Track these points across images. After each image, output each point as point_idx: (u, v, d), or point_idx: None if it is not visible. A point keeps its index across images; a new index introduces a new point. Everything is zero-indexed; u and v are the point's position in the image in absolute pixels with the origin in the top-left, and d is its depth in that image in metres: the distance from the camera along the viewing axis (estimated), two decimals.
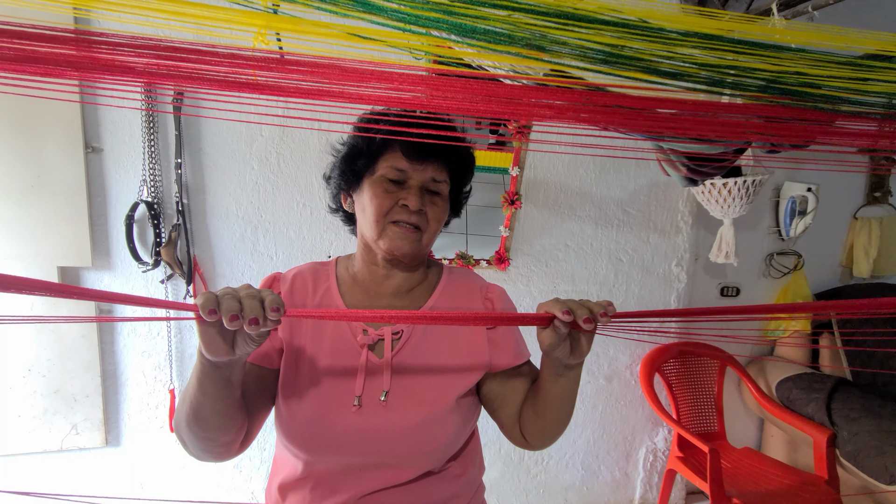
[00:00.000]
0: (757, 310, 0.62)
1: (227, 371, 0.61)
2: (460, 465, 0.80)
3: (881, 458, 1.63)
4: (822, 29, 0.71)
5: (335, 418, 0.72)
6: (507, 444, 2.03)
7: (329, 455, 0.72)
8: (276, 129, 1.68)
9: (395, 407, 0.73)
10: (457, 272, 0.87)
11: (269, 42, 0.58)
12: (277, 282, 0.81)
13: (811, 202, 2.08)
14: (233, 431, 0.68)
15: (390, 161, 0.75)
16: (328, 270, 0.83)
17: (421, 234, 0.76)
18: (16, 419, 1.60)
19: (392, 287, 0.81)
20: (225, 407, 0.64)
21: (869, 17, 2.13)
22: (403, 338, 0.77)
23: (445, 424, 0.74)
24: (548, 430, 0.75)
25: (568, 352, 0.63)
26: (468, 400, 0.79)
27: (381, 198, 0.74)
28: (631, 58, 0.57)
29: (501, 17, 0.52)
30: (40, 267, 1.53)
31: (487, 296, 0.84)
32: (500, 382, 0.80)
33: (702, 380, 2.10)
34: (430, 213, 0.77)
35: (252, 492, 1.84)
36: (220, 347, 0.55)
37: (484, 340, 0.79)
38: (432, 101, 0.53)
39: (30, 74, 0.52)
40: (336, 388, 0.74)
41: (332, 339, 0.76)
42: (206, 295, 0.51)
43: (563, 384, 0.69)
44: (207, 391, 0.61)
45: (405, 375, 0.75)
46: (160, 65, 0.52)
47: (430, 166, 0.76)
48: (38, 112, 1.48)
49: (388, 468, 0.73)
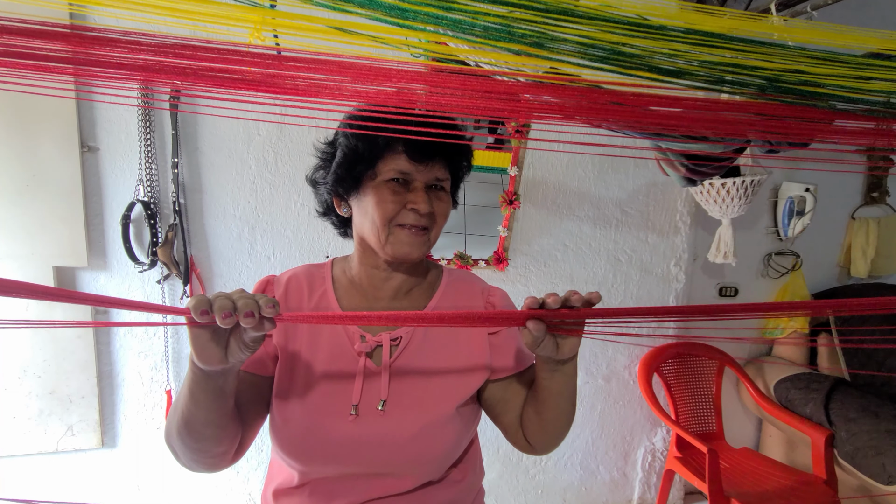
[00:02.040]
0: (751, 308, 0.61)
1: (219, 380, 0.59)
2: (460, 471, 0.79)
3: (879, 457, 1.63)
4: (820, 27, 0.71)
5: (331, 427, 0.70)
6: (506, 445, 2.03)
7: (324, 464, 0.71)
8: (274, 129, 1.68)
9: (393, 416, 0.71)
10: (457, 274, 0.85)
11: (266, 39, 0.57)
12: (271, 285, 0.79)
13: (809, 202, 2.08)
14: (226, 442, 0.67)
15: (392, 164, 0.71)
16: (324, 273, 0.81)
17: (429, 235, 0.74)
18: (11, 420, 1.58)
19: (391, 289, 0.78)
20: (217, 418, 0.62)
21: (867, 17, 2.14)
22: (402, 344, 0.74)
23: (445, 433, 0.72)
24: (549, 430, 0.74)
25: (555, 349, 0.62)
26: (469, 406, 0.77)
27: (388, 202, 0.70)
28: (630, 55, 0.56)
29: (501, 13, 0.51)
30: (36, 267, 1.52)
31: (489, 299, 0.82)
32: (501, 388, 0.79)
33: (700, 380, 2.10)
34: (437, 211, 0.74)
35: (249, 493, 1.83)
36: (213, 354, 0.54)
37: (485, 346, 0.77)
38: (431, 98, 0.52)
39: (24, 70, 0.51)
40: (332, 397, 0.72)
41: (329, 346, 0.74)
42: (199, 297, 0.50)
43: (559, 380, 0.68)
44: (200, 402, 0.60)
45: (404, 383, 0.73)
46: (156, 61, 0.51)
47: (435, 166, 0.73)
48: (34, 110, 1.47)
49: (387, 477, 0.71)
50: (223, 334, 0.54)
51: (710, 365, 2.11)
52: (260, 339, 0.56)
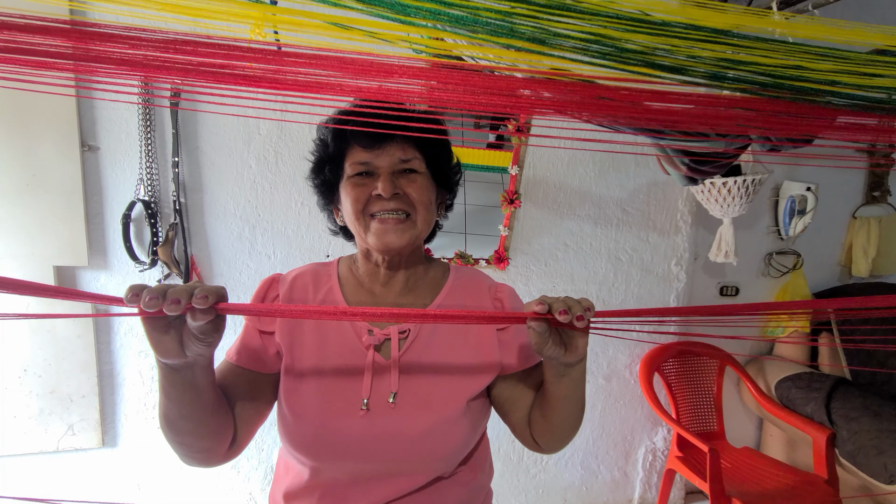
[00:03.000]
0: (747, 308, 0.61)
1: (186, 374, 0.59)
2: (470, 471, 0.79)
3: (880, 457, 1.63)
4: (822, 23, 0.71)
5: (343, 423, 0.69)
6: (507, 445, 2.02)
7: (337, 462, 0.70)
8: (275, 128, 1.67)
9: (404, 410, 0.71)
10: (464, 271, 0.85)
11: (266, 35, 0.57)
12: (276, 283, 0.78)
13: (810, 201, 2.08)
14: (209, 438, 0.66)
15: (351, 158, 0.73)
16: (330, 271, 0.81)
17: (410, 221, 0.73)
18: (12, 420, 1.58)
19: (397, 285, 0.78)
20: (192, 412, 0.62)
21: (869, 15, 2.13)
22: (410, 337, 0.74)
23: (456, 428, 0.72)
24: (556, 432, 0.73)
25: (561, 351, 0.62)
26: (479, 402, 0.77)
27: (354, 194, 0.72)
28: (633, 51, 0.56)
29: (503, 9, 0.51)
30: (36, 266, 1.52)
31: (497, 295, 0.81)
32: (510, 385, 0.78)
33: (701, 379, 2.10)
34: (412, 192, 0.72)
35: (250, 493, 1.83)
36: (168, 347, 0.53)
37: (494, 342, 0.77)
38: (432, 94, 0.52)
39: (24, 67, 0.51)
40: (343, 392, 0.71)
41: (337, 342, 0.73)
42: (135, 284, 0.50)
43: (567, 384, 0.67)
44: (171, 396, 0.60)
45: (414, 376, 0.73)
46: (158, 57, 0.51)
47: (391, 147, 0.72)
48: (34, 110, 1.47)
49: (398, 476, 0.71)
50: (177, 327, 0.54)
51: (710, 364, 2.11)
52: (210, 332, 0.54)
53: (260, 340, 0.74)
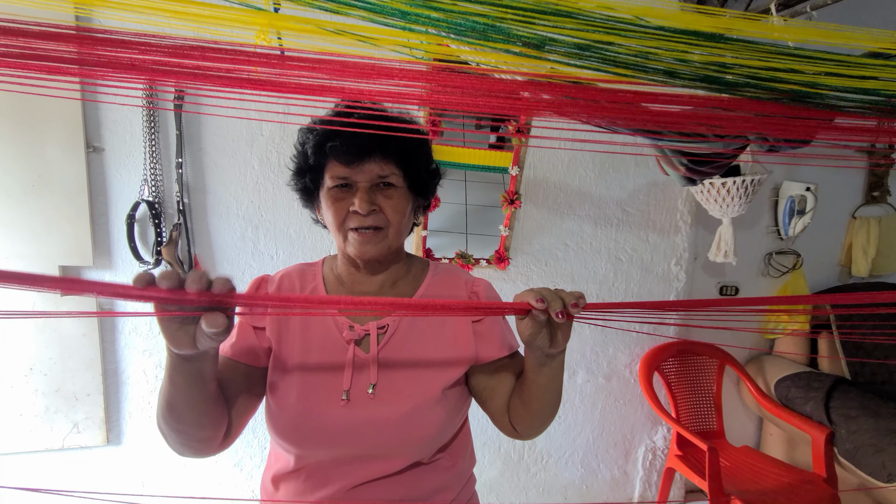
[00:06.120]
0: (742, 302, 0.62)
1: (196, 364, 0.60)
2: (450, 457, 0.82)
3: (879, 456, 1.64)
4: (820, 27, 0.72)
5: (324, 412, 0.73)
6: (508, 444, 2.03)
7: (319, 448, 0.74)
8: (277, 129, 1.69)
9: (383, 399, 0.74)
10: (442, 267, 0.88)
11: (271, 41, 0.59)
12: (265, 283, 0.83)
13: (810, 201, 2.09)
14: (209, 427, 0.69)
15: (330, 171, 0.75)
16: (315, 270, 0.85)
17: (384, 233, 0.76)
18: (17, 418, 1.60)
19: (376, 283, 0.82)
20: (197, 401, 0.64)
21: (868, 17, 2.14)
22: (389, 332, 0.78)
23: (432, 415, 0.75)
24: (535, 420, 0.76)
25: (548, 342, 0.63)
26: (456, 391, 0.80)
27: (334, 209, 0.75)
28: (628, 55, 0.57)
29: (498, 14, 0.52)
30: (41, 266, 1.54)
31: (473, 289, 0.85)
32: (487, 374, 0.82)
33: (701, 378, 2.11)
34: (387, 208, 0.75)
35: (253, 490, 1.84)
36: (181, 338, 0.54)
37: (469, 333, 0.80)
38: (433, 97, 0.53)
39: (31, 72, 0.52)
40: (324, 384, 0.75)
41: (320, 336, 0.77)
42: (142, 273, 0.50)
43: (547, 373, 0.70)
44: (178, 384, 0.62)
45: (392, 369, 0.77)
46: (162, 62, 0.52)
47: (370, 163, 0.74)
48: (39, 112, 1.49)
49: (378, 459, 0.74)
50: (190, 319, 0.55)
51: (710, 363, 2.12)
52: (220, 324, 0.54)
53: (253, 335, 0.78)
